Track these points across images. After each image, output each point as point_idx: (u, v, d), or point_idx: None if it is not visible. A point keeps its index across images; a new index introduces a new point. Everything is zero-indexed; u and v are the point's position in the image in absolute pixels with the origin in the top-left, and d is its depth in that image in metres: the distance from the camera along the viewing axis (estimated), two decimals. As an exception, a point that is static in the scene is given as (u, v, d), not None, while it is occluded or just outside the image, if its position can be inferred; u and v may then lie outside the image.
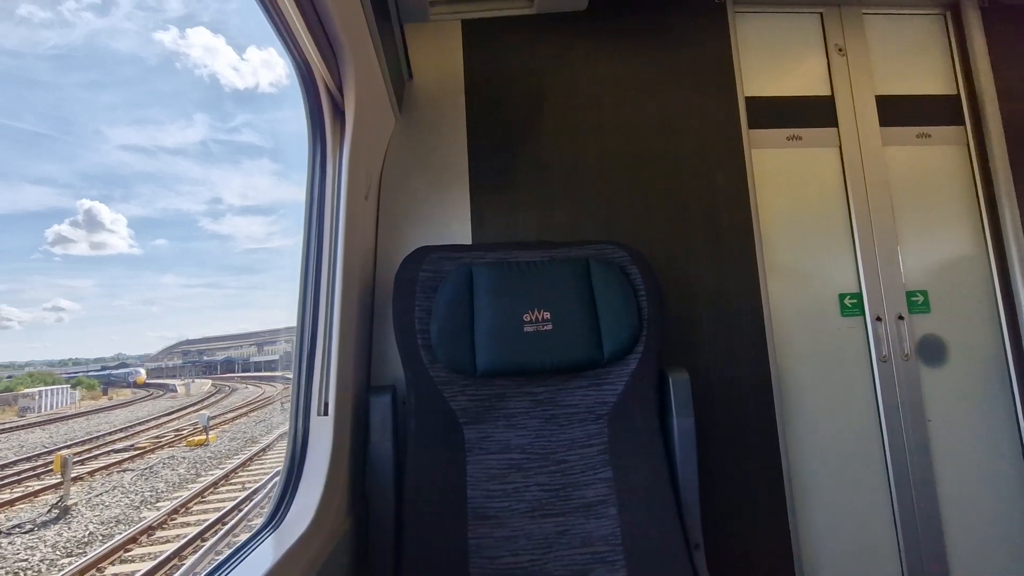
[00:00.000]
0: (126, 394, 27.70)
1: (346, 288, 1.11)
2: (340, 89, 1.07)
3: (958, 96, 1.68)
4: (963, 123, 1.66)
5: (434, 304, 1.18)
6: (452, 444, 1.16)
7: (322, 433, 1.03)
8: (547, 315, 1.18)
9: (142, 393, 27.47)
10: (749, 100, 1.59)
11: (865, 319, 1.54)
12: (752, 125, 1.58)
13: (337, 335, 1.07)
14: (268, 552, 0.82)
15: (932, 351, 1.55)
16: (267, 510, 0.96)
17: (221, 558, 0.79)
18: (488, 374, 1.16)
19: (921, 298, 1.57)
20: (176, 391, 26.33)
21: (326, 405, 1.04)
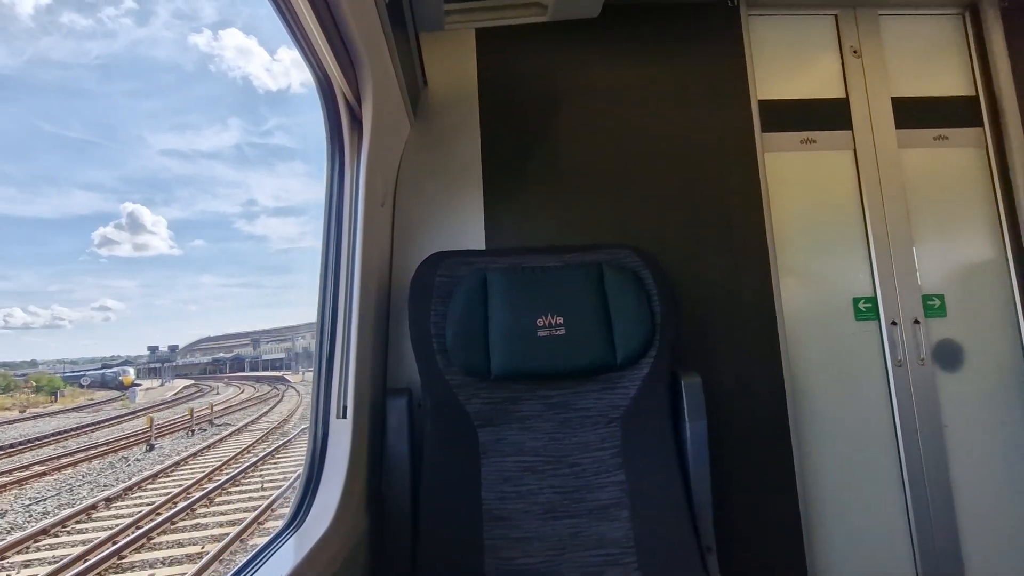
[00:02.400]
0: (94, 397, 25.25)
1: (364, 293, 1.13)
2: (358, 100, 1.10)
3: (976, 97, 1.66)
4: (982, 125, 1.65)
5: (449, 309, 1.20)
6: (467, 446, 1.19)
7: (341, 435, 1.06)
8: (560, 320, 1.20)
9: (102, 396, 24.84)
10: (763, 103, 1.59)
11: (880, 323, 1.54)
12: (766, 128, 1.58)
13: (355, 340, 1.10)
14: (291, 551, 0.85)
15: (948, 356, 1.54)
16: (289, 511, 0.99)
17: (247, 558, 0.82)
18: (502, 378, 1.18)
19: (937, 302, 1.56)
20: (135, 396, 23.15)
21: (345, 408, 1.07)
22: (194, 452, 8.85)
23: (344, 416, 1.07)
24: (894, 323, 1.53)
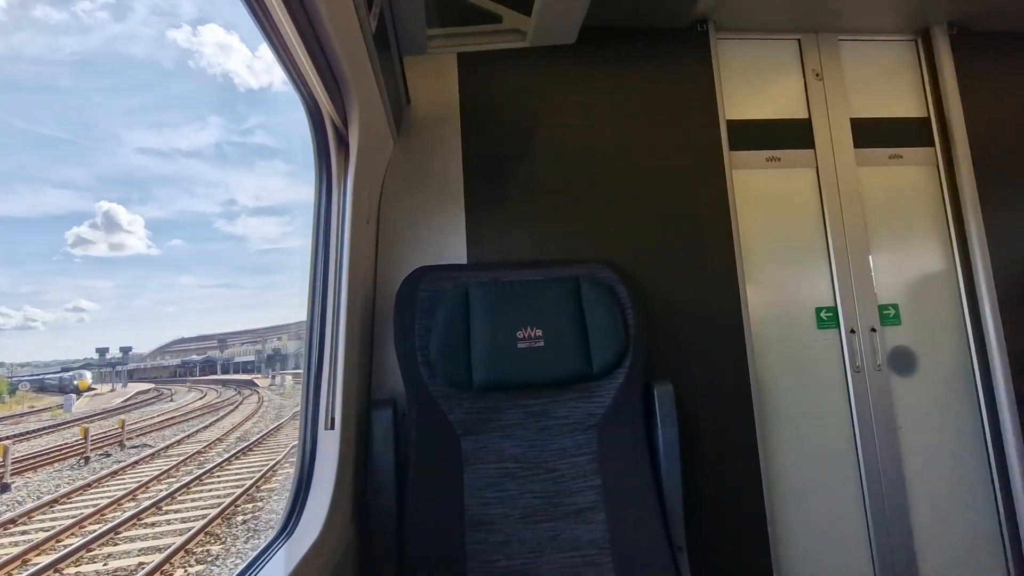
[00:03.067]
0: (35, 404, 22.52)
1: (350, 307, 1.18)
2: (344, 122, 1.14)
3: (928, 119, 1.77)
4: (933, 145, 1.76)
5: (433, 322, 1.25)
6: (450, 454, 1.24)
7: (329, 446, 1.10)
8: (539, 332, 1.26)
9: (46, 403, 22.12)
10: (730, 123, 1.67)
11: (840, 331, 1.63)
12: (733, 147, 1.66)
13: (343, 353, 1.14)
14: (283, 559, 0.89)
15: (902, 362, 1.64)
16: (280, 520, 1.02)
17: (243, 565, 0.86)
18: (484, 388, 1.24)
19: (893, 311, 1.66)
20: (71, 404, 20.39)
21: (333, 420, 1.11)
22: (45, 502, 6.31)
23: (332, 427, 1.11)
24: (853, 331, 1.63)
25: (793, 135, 1.72)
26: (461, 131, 1.57)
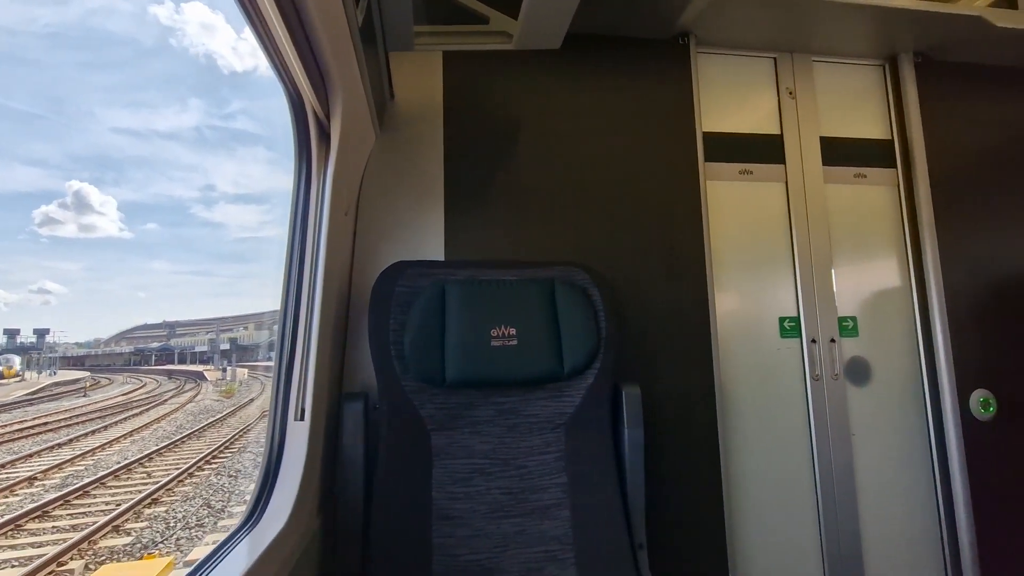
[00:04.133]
0: None
1: (325, 300, 1.18)
2: (327, 114, 1.14)
3: (892, 142, 1.86)
4: (895, 166, 1.84)
5: (408, 318, 1.26)
6: (420, 449, 1.25)
7: (298, 437, 1.10)
8: (513, 331, 1.28)
9: None
10: (706, 135, 1.72)
11: (802, 341, 1.70)
12: (708, 158, 1.71)
13: (315, 345, 1.14)
14: (245, 551, 0.89)
15: (858, 372, 1.72)
16: (244, 511, 1.02)
17: (202, 557, 0.86)
18: (456, 385, 1.25)
19: (851, 323, 1.74)
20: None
21: (303, 411, 1.11)
22: None
23: (302, 419, 1.11)
24: (814, 341, 1.70)
25: (765, 150, 1.78)
26: (444, 128, 1.58)
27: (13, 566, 4.56)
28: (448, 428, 1.27)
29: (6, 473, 7.58)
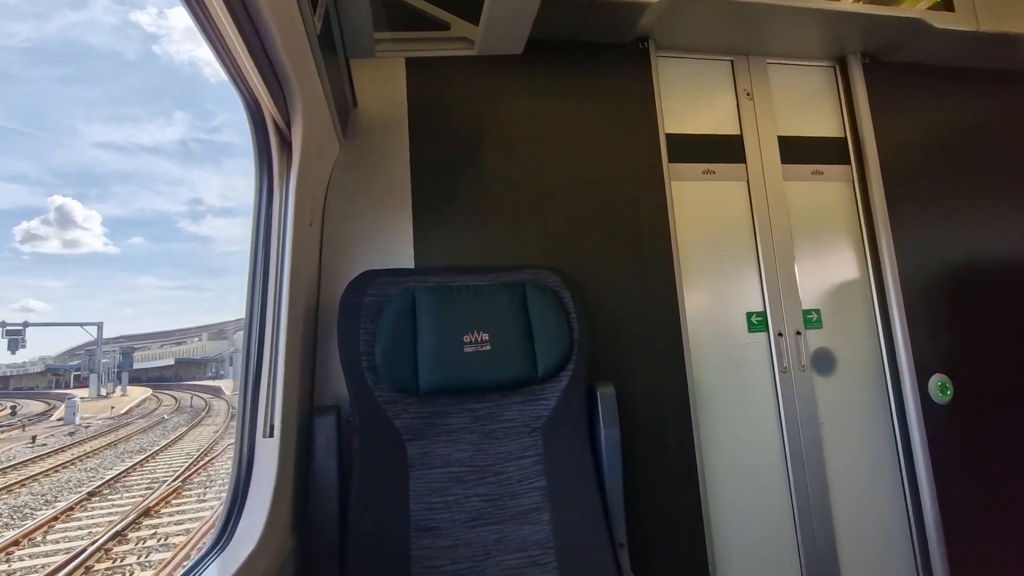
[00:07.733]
0: None
1: (292, 313, 1.15)
2: (287, 123, 1.12)
3: (845, 139, 1.93)
4: (849, 163, 1.91)
5: (378, 327, 1.24)
6: (395, 460, 1.22)
7: (268, 455, 1.06)
8: (486, 336, 1.27)
9: None
10: (669, 136, 1.75)
11: (769, 334, 1.74)
12: (672, 159, 1.74)
13: (283, 359, 1.11)
14: (214, 574, 0.85)
15: (824, 362, 1.77)
16: (213, 533, 0.98)
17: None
18: (430, 393, 1.24)
19: (815, 316, 1.79)
20: None
21: (272, 427, 1.08)
22: None
23: (271, 435, 1.07)
24: (780, 334, 1.74)
25: (726, 150, 1.82)
26: (409, 135, 1.57)
27: None
28: (423, 437, 1.25)
29: None
